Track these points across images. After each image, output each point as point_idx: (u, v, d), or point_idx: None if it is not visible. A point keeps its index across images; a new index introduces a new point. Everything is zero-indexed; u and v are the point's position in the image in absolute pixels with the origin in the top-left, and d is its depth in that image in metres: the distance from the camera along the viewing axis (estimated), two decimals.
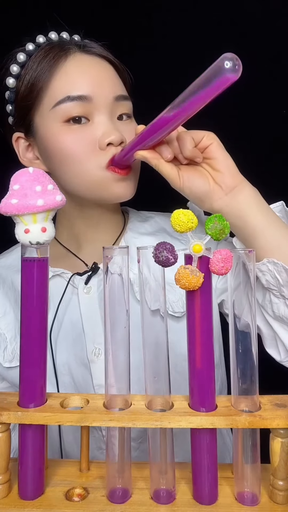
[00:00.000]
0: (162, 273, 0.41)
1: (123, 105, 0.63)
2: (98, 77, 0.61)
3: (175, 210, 0.38)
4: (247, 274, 0.40)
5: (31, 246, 0.40)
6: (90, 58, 0.62)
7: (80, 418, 0.41)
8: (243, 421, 0.40)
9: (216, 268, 0.37)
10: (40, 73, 0.61)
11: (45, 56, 0.61)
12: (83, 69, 0.61)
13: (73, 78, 0.60)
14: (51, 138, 0.61)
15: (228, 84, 0.42)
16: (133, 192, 0.64)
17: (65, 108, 0.59)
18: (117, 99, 0.61)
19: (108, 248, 0.41)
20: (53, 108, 0.60)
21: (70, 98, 0.59)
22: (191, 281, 0.37)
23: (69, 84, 0.60)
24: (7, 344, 0.66)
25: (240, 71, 0.41)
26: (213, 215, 0.38)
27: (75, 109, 0.59)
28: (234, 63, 0.41)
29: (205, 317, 0.40)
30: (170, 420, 0.40)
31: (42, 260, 0.41)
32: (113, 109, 0.61)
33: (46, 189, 0.39)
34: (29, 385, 0.42)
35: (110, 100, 0.61)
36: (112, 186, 0.61)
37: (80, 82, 0.60)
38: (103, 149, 0.60)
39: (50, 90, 0.60)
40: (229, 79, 0.42)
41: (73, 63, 0.61)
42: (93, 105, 0.60)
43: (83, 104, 0.59)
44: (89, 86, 0.59)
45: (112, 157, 0.60)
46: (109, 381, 0.42)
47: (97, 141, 0.60)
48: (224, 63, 0.41)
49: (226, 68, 0.41)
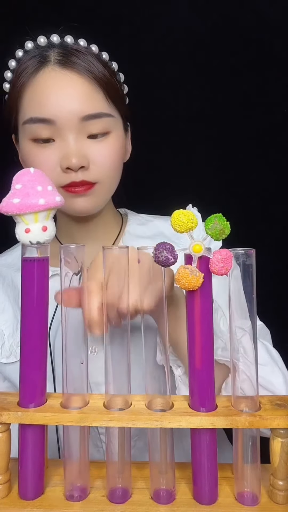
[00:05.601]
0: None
1: (94, 123, 0.60)
2: (64, 97, 0.59)
3: (176, 211, 0.38)
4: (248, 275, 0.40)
5: (31, 245, 0.40)
6: (63, 75, 0.60)
7: (80, 418, 0.41)
8: (243, 421, 0.40)
9: (216, 268, 0.37)
10: (18, 87, 0.62)
11: (23, 70, 0.62)
12: (50, 89, 0.60)
13: (39, 99, 0.60)
14: (22, 150, 0.64)
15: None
16: (95, 206, 0.64)
17: (30, 128, 0.61)
18: (85, 118, 0.59)
19: (108, 248, 0.42)
20: (22, 125, 0.62)
21: (33, 120, 0.60)
22: (190, 281, 0.37)
23: (34, 105, 0.60)
24: (5, 340, 0.67)
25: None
26: (213, 215, 0.38)
27: (38, 130, 0.60)
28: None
29: (205, 317, 0.40)
30: (170, 420, 0.40)
31: (42, 260, 0.41)
32: (81, 129, 0.60)
33: (46, 189, 0.40)
34: (30, 385, 0.42)
35: (76, 121, 0.59)
36: (70, 203, 0.62)
37: (44, 104, 0.59)
38: (64, 172, 0.60)
39: (21, 106, 0.62)
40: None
41: (43, 81, 0.60)
42: (57, 127, 0.59)
43: (46, 126, 0.59)
44: (52, 109, 0.59)
45: (71, 182, 0.60)
46: (108, 380, 0.42)
47: (59, 163, 0.60)
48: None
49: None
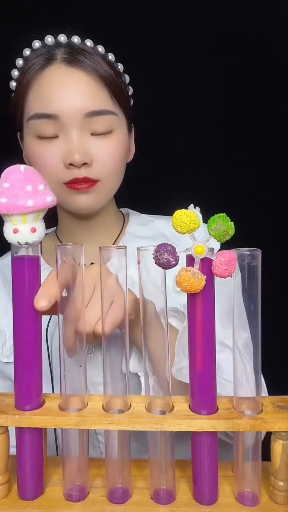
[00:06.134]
0: (162, 274, 0.40)
1: (98, 120, 0.61)
2: (69, 94, 0.60)
3: (177, 211, 0.36)
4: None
5: (20, 246, 0.39)
6: (68, 72, 0.61)
7: (79, 422, 0.40)
8: (244, 424, 0.39)
9: (219, 270, 0.36)
10: (24, 85, 0.63)
11: (30, 68, 0.62)
12: (55, 86, 0.61)
13: (44, 95, 0.61)
14: (27, 146, 0.65)
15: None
16: (96, 203, 0.64)
17: (34, 124, 0.61)
18: (89, 115, 0.60)
19: (105, 249, 0.40)
20: (27, 121, 0.63)
21: (38, 115, 0.61)
22: (192, 284, 0.36)
23: (39, 101, 0.61)
24: (6, 340, 0.68)
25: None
26: (216, 215, 0.36)
27: (43, 126, 0.61)
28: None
29: (207, 320, 0.39)
30: (170, 424, 0.40)
31: (33, 259, 0.40)
32: (85, 125, 0.60)
33: (37, 189, 0.38)
34: (24, 386, 0.42)
35: (80, 117, 0.60)
36: (71, 200, 0.63)
37: (49, 100, 0.60)
38: (67, 168, 0.60)
39: (27, 103, 0.63)
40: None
41: (48, 77, 0.61)
42: (61, 122, 0.60)
43: (50, 122, 0.60)
44: (57, 105, 0.60)
45: (73, 178, 0.60)
46: (106, 381, 0.42)
47: (62, 159, 0.60)
48: None
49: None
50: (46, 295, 0.41)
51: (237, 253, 0.38)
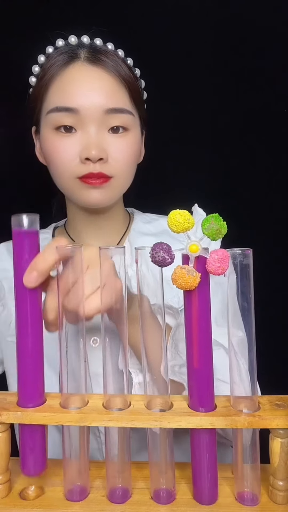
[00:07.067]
0: (160, 272, 0.41)
1: (116, 117, 0.63)
2: (90, 90, 0.62)
3: (172, 211, 0.38)
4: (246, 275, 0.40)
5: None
6: (91, 70, 0.64)
7: (80, 418, 0.41)
8: (242, 421, 0.40)
9: (213, 268, 0.37)
10: (46, 79, 0.65)
11: (53, 64, 0.65)
12: (78, 81, 0.63)
13: (66, 89, 0.63)
14: (43, 140, 0.66)
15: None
16: (108, 199, 0.66)
17: (54, 117, 0.63)
18: (108, 112, 0.62)
19: (104, 249, 0.42)
20: (46, 114, 0.64)
21: (58, 108, 0.62)
22: (187, 281, 0.37)
23: (61, 95, 0.63)
24: (12, 319, 0.69)
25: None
26: (209, 215, 0.38)
27: (62, 118, 0.62)
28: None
29: (202, 317, 0.40)
30: (169, 420, 0.40)
31: (32, 232, 0.41)
32: (103, 121, 0.63)
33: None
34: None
35: (100, 113, 0.62)
36: (84, 194, 0.64)
37: (70, 94, 0.62)
38: (83, 162, 0.62)
39: (47, 96, 0.65)
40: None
41: (71, 74, 0.64)
42: (81, 116, 0.62)
43: (70, 115, 0.62)
44: (78, 99, 0.62)
45: (88, 173, 0.62)
46: (106, 380, 0.42)
47: (79, 153, 0.62)
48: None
49: None
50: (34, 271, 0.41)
51: (229, 252, 0.39)
